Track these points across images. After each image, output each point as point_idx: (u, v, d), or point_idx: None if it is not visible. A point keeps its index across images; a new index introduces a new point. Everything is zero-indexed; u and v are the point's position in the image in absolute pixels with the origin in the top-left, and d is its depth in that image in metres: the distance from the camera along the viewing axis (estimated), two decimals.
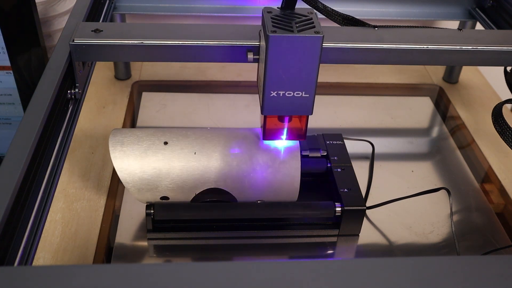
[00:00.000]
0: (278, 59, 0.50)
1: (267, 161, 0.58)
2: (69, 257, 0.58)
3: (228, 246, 0.61)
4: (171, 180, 0.57)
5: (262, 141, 0.59)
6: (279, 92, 0.52)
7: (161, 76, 0.90)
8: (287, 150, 0.59)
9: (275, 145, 0.59)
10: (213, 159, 0.58)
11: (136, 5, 0.80)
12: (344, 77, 0.92)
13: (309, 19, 0.51)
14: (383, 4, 0.82)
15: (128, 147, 0.57)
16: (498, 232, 0.64)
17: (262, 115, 0.55)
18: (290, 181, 0.59)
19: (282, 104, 0.53)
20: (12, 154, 0.42)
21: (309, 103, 0.53)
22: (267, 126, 0.56)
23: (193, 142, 0.58)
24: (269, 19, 0.50)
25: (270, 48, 0.49)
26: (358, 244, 0.62)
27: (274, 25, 0.49)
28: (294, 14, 0.52)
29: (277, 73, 0.50)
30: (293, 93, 0.52)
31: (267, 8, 0.52)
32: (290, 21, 0.50)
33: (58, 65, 0.54)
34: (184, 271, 0.32)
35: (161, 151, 0.57)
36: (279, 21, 0.50)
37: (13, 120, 0.66)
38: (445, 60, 0.62)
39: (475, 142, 0.79)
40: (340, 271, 0.33)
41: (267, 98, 0.52)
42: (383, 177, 0.71)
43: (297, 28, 0.49)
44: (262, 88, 0.52)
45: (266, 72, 0.50)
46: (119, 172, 0.57)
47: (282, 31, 0.49)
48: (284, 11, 0.52)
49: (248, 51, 0.56)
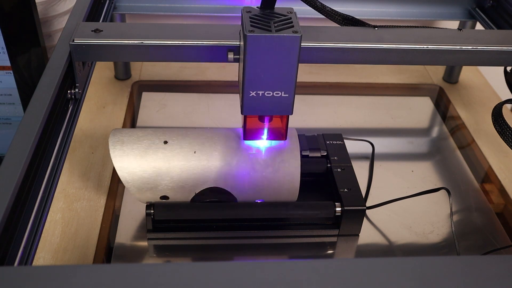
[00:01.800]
0: (256, 58, 0.49)
1: (267, 160, 0.58)
2: (69, 257, 0.58)
3: (228, 246, 0.61)
4: (171, 179, 0.57)
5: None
6: (258, 92, 0.52)
7: (161, 76, 0.90)
8: (287, 150, 0.59)
9: (274, 145, 0.59)
10: (213, 158, 0.58)
11: (136, 5, 0.80)
12: (344, 77, 0.92)
13: (288, 18, 0.50)
14: (383, 4, 0.82)
15: (128, 146, 0.57)
16: (498, 232, 0.64)
17: (242, 115, 0.55)
18: (290, 181, 0.59)
19: (262, 104, 0.52)
20: (12, 154, 0.42)
21: (289, 102, 0.53)
22: (248, 126, 0.56)
23: (193, 141, 0.58)
24: (248, 18, 0.50)
25: (248, 48, 0.49)
26: (358, 244, 0.62)
27: (253, 25, 0.49)
28: (273, 13, 0.51)
29: (256, 73, 0.50)
30: (272, 93, 0.52)
31: (247, 7, 0.52)
32: (268, 21, 0.50)
33: (58, 65, 0.54)
34: (184, 271, 0.32)
35: (161, 150, 0.57)
36: (258, 20, 0.50)
37: (13, 120, 0.66)
38: (445, 60, 0.62)
39: (475, 142, 0.79)
40: (340, 271, 0.33)
41: (247, 98, 0.52)
42: (383, 177, 0.71)
43: (275, 27, 0.49)
44: (242, 88, 0.52)
45: (245, 72, 0.50)
46: (119, 171, 0.57)
47: (260, 30, 0.48)
48: (264, 11, 0.52)
49: (229, 51, 0.56)
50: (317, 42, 0.59)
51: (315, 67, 0.94)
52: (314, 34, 0.60)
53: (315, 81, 0.91)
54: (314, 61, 0.60)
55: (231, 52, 0.56)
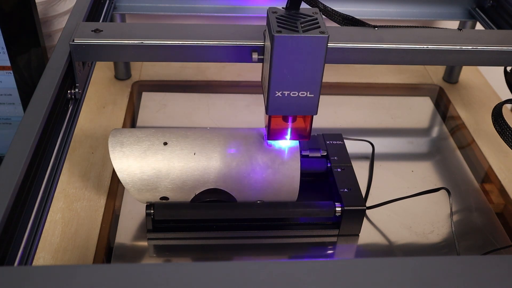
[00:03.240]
0: (283, 59, 0.50)
1: (267, 161, 0.58)
2: (69, 257, 0.58)
3: (228, 246, 0.61)
4: (171, 180, 0.57)
5: (263, 141, 0.59)
6: (283, 92, 0.52)
7: (161, 76, 0.90)
8: (287, 151, 0.59)
9: (274, 145, 0.59)
10: (213, 159, 0.58)
11: (136, 5, 0.80)
12: (344, 77, 0.92)
13: (314, 19, 0.51)
14: (383, 4, 0.82)
15: (128, 148, 0.57)
16: (498, 232, 0.64)
17: (267, 115, 0.55)
18: (290, 181, 0.59)
19: (287, 104, 0.53)
20: (12, 154, 0.42)
21: (314, 103, 0.53)
22: (272, 126, 0.56)
23: (193, 142, 0.58)
24: (274, 19, 0.50)
25: (275, 48, 0.49)
26: (358, 244, 0.62)
27: (280, 25, 0.49)
28: (299, 14, 0.52)
29: (282, 73, 0.50)
30: (297, 93, 0.52)
31: (272, 8, 0.52)
32: (295, 21, 0.50)
33: (58, 65, 0.54)
34: (184, 271, 0.32)
35: (161, 152, 0.57)
36: (284, 21, 0.50)
37: (13, 120, 0.66)
38: (445, 60, 0.62)
39: (475, 142, 0.79)
40: (340, 271, 0.33)
41: (272, 98, 0.52)
42: (383, 177, 0.71)
43: (302, 28, 0.49)
44: (267, 88, 0.52)
45: (271, 72, 0.50)
46: (119, 173, 0.57)
47: (287, 31, 0.49)
48: (289, 11, 0.52)
49: (253, 51, 0.56)
50: None
51: None
52: None
53: None
54: None
55: (255, 52, 0.56)
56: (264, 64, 0.55)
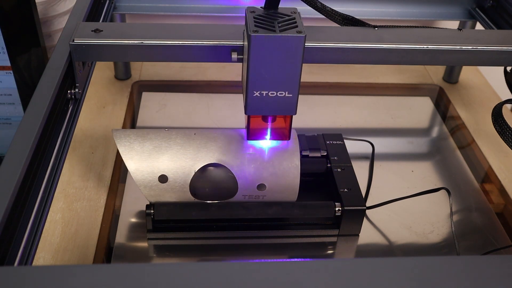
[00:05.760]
0: (260, 59, 0.49)
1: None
2: (69, 257, 0.58)
3: (228, 246, 0.61)
4: (171, 154, 0.58)
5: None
6: (262, 92, 0.52)
7: (161, 76, 0.90)
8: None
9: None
10: (213, 138, 0.59)
11: (136, 5, 0.80)
12: (344, 77, 0.92)
13: (291, 18, 0.51)
14: (383, 4, 0.82)
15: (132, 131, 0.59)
16: (498, 232, 0.64)
17: (246, 115, 0.55)
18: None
19: (266, 104, 0.53)
20: (12, 154, 0.42)
21: (293, 102, 0.53)
22: (251, 126, 0.56)
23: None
24: (252, 18, 0.50)
25: (252, 48, 0.49)
26: (358, 244, 0.62)
27: (257, 25, 0.49)
28: (277, 13, 0.51)
29: (260, 73, 0.50)
30: (276, 93, 0.52)
31: (251, 7, 0.52)
32: (272, 21, 0.50)
33: (58, 65, 0.54)
34: (184, 271, 0.32)
35: (163, 134, 0.59)
36: (262, 20, 0.50)
37: (13, 120, 0.66)
38: (445, 60, 0.62)
39: (475, 142, 0.79)
40: (340, 271, 0.33)
41: (250, 98, 0.52)
42: (383, 177, 0.71)
43: (279, 27, 0.49)
44: (245, 88, 0.52)
45: (249, 72, 0.50)
46: (117, 139, 0.58)
47: (264, 30, 0.48)
48: (267, 11, 0.52)
49: (232, 51, 0.56)
50: (317, 42, 0.59)
51: (315, 67, 0.94)
52: (314, 34, 0.60)
53: (315, 81, 0.91)
54: (314, 61, 0.60)
55: (234, 52, 0.56)
56: (243, 64, 0.54)
